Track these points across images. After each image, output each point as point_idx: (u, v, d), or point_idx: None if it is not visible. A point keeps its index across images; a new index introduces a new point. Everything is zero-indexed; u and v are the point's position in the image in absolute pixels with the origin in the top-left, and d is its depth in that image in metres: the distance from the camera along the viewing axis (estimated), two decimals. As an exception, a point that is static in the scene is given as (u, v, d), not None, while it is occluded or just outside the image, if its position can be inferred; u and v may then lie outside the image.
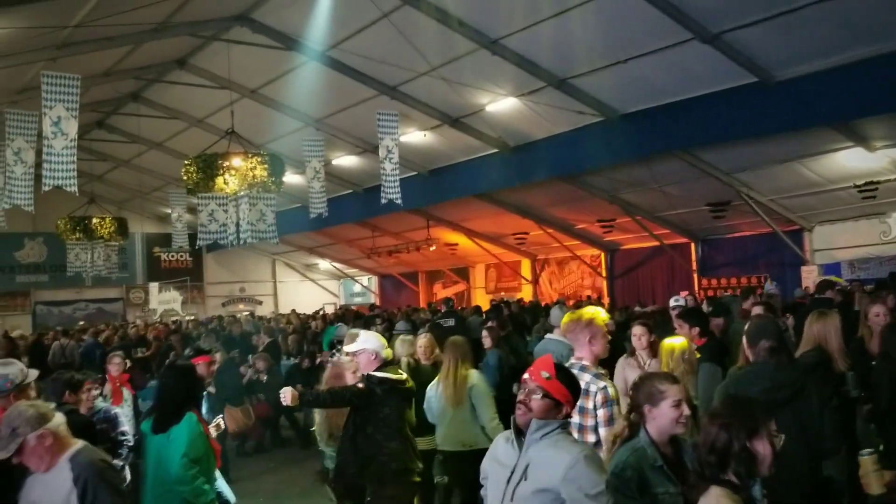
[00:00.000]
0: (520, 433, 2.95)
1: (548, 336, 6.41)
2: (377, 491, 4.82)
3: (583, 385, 3.77)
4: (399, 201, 12.76)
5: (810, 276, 13.56)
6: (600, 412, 3.83)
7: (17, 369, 3.92)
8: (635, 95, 11.52)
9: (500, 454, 3.05)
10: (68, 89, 9.11)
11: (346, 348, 5.23)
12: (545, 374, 2.95)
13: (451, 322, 9.47)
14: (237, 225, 12.56)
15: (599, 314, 4.09)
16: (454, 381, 5.65)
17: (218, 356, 8.19)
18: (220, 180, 9.66)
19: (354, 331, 6.47)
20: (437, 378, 5.88)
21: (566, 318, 4.18)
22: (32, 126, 10.35)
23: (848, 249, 13.73)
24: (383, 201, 12.84)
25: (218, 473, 4.94)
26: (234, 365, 9.89)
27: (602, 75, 11.01)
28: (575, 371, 3.91)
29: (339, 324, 10.43)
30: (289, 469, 9.31)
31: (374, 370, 4.84)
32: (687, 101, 11.06)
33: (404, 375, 4.95)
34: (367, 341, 4.99)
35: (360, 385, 4.81)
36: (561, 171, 13.82)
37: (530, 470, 2.83)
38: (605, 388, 3.87)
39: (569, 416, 3.00)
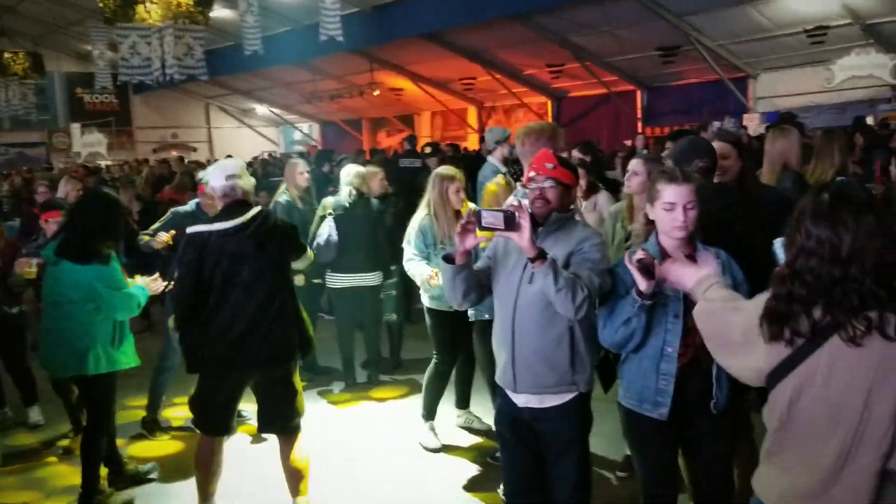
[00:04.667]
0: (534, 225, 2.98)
1: (489, 159, 6.24)
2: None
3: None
4: (340, 39, 12.13)
5: (752, 124, 13.57)
6: None
7: None
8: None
9: (511, 243, 2.94)
10: None
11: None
12: (550, 165, 2.96)
13: (416, 163, 8.87)
14: (162, 60, 11.79)
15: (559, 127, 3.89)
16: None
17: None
18: (140, 8, 8.97)
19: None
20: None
21: (523, 130, 3.88)
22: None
23: (790, 97, 13.73)
24: (323, 38, 12.19)
25: None
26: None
27: None
28: (512, 197, 3.81)
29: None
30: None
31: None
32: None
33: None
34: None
35: None
36: (512, 10, 13.22)
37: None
38: None
39: (574, 198, 3.11)
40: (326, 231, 5.84)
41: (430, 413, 5.03)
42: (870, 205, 1.85)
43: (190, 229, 3.72)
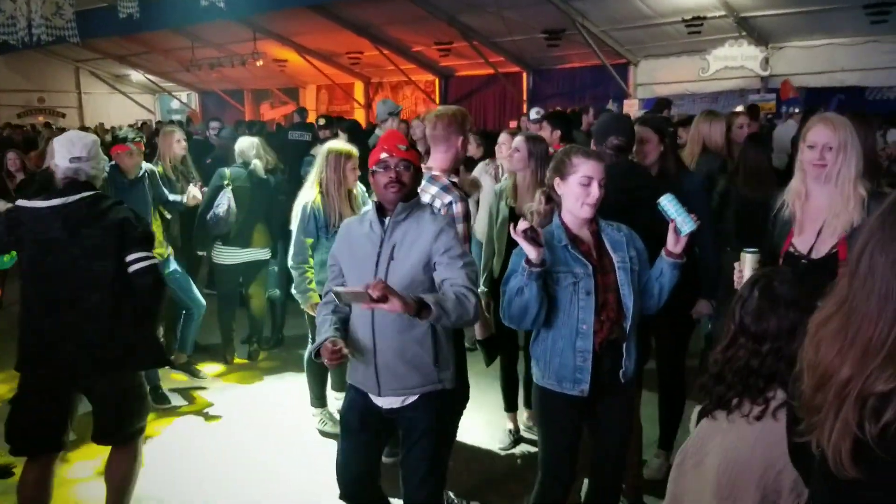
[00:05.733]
0: (380, 214, 2.85)
1: (378, 132, 6.15)
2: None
3: (426, 198, 3.48)
4: (222, 5, 11.62)
5: (632, 110, 14.04)
6: None
7: None
8: None
9: (357, 238, 2.90)
10: None
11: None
12: (403, 146, 2.80)
13: (306, 136, 8.57)
14: (29, 19, 10.95)
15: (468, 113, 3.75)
16: None
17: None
18: (3, -41, 8.21)
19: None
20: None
21: (434, 113, 3.69)
22: None
23: (668, 85, 14.29)
24: (203, 3, 11.64)
25: None
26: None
27: None
28: (423, 182, 3.66)
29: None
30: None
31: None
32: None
33: None
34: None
35: None
36: (400, -16, 13.07)
37: (398, 250, 2.77)
38: (450, 203, 3.46)
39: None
40: (226, 202, 5.62)
41: (320, 399, 4.87)
42: (796, 301, 2.01)
43: (18, 202, 3.28)
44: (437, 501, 2.98)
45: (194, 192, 5.58)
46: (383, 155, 2.79)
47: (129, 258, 3.20)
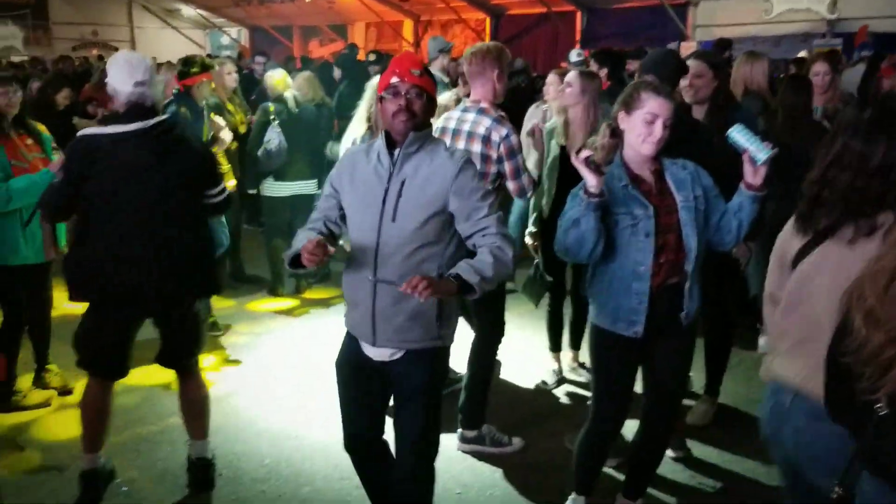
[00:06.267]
0: (388, 146, 2.53)
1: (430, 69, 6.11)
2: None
3: (482, 131, 3.50)
4: (273, -63, 11.51)
5: (689, 52, 13.61)
6: (507, 165, 3.51)
7: None
8: None
9: (362, 170, 2.58)
10: None
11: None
12: (416, 71, 2.48)
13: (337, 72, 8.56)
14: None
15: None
16: None
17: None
18: None
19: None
20: None
21: (470, 50, 3.68)
22: None
23: (729, 27, 13.74)
24: (255, -65, 11.53)
25: None
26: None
27: None
28: (472, 115, 3.58)
29: None
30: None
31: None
32: None
33: None
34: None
35: None
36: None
37: (409, 186, 2.48)
38: (507, 136, 3.47)
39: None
40: (277, 137, 5.69)
41: None
42: None
43: (82, 131, 3.11)
44: (429, 467, 2.72)
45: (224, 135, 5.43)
46: (394, 79, 2.47)
47: (210, 192, 3.29)
